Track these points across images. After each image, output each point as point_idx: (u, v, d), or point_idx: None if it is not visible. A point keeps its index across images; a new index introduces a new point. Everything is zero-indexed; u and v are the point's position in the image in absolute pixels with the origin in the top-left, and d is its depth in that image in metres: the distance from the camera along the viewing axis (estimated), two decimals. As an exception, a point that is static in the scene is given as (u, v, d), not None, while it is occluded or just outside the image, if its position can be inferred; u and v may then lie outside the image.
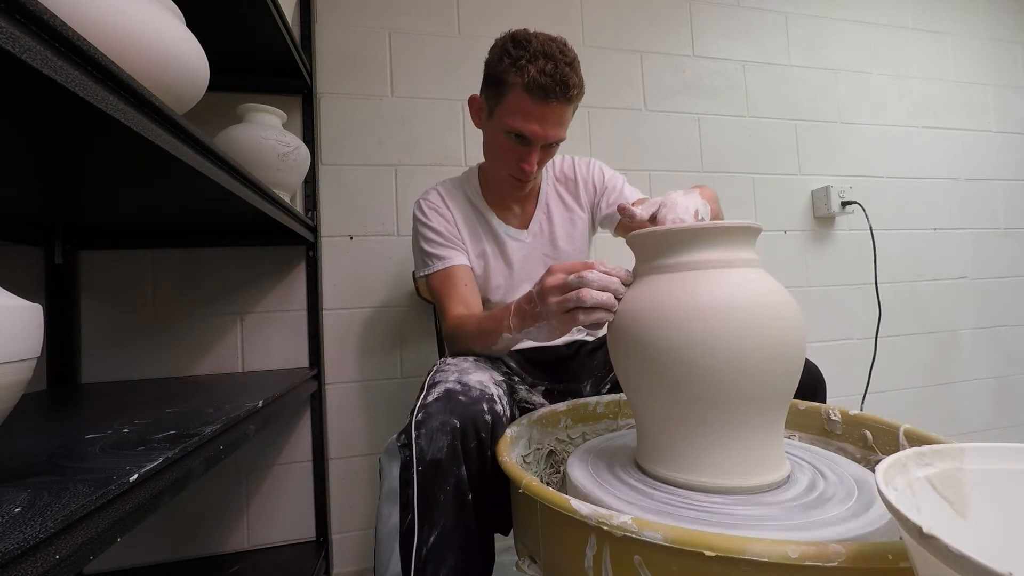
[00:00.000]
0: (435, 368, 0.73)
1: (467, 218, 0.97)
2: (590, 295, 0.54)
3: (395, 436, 0.62)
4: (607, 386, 0.87)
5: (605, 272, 0.55)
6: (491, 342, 0.74)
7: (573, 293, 0.56)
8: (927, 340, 1.70)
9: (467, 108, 0.96)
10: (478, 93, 0.91)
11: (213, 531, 1.13)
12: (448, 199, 0.97)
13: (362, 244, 1.26)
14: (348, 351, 1.25)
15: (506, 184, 0.92)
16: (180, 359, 1.14)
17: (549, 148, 0.88)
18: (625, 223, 0.79)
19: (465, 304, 0.89)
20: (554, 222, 1.00)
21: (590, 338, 1.03)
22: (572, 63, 0.80)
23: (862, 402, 1.53)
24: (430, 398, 0.62)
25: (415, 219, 0.97)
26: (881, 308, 1.56)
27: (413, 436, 0.58)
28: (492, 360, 0.80)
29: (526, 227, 0.99)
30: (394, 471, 0.59)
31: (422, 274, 0.95)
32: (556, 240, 1.00)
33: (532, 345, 0.94)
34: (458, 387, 0.63)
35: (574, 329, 0.77)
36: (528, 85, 0.78)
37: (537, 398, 0.84)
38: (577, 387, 0.90)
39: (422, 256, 0.95)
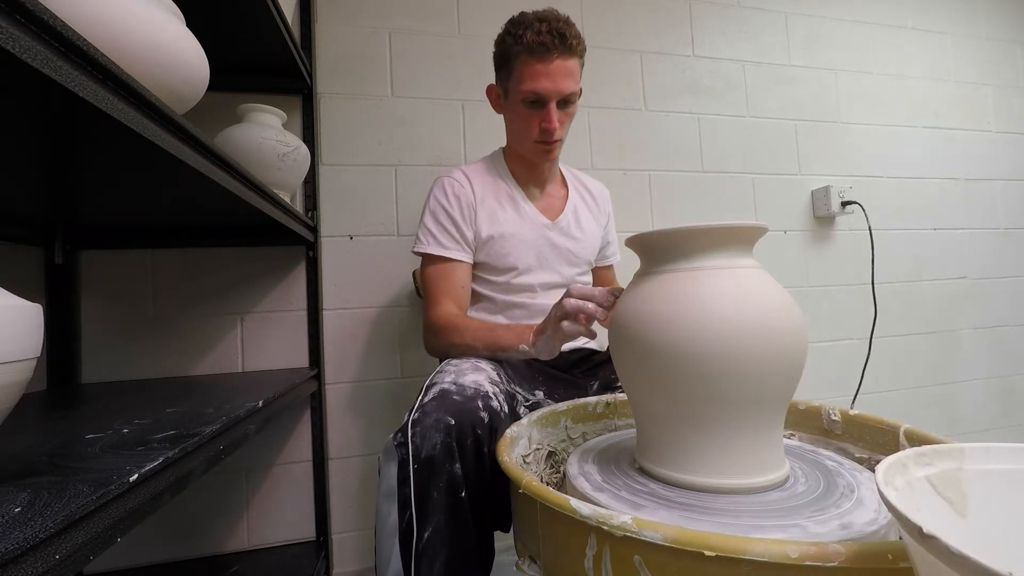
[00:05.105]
0: (434, 371, 0.75)
1: (496, 195, 0.97)
2: (569, 302, 0.65)
3: (392, 435, 0.62)
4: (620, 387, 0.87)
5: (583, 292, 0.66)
6: (502, 348, 0.79)
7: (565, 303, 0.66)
8: (927, 340, 1.70)
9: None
10: (494, 83, 0.95)
11: (213, 531, 1.13)
12: (474, 178, 0.97)
13: (362, 244, 1.26)
14: (348, 351, 1.25)
15: (534, 154, 0.93)
16: (180, 359, 1.14)
17: (567, 107, 0.90)
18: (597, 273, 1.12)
19: (458, 304, 0.91)
20: (581, 223, 1.03)
21: (600, 348, 1.01)
22: (566, 20, 0.86)
23: (852, 402, 1.52)
24: (426, 399, 0.64)
25: (432, 196, 0.96)
26: (877, 308, 1.56)
27: (409, 434, 0.60)
28: (493, 364, 0.81)
29: (554, 220, 1.00)
30: (392, 469, 0.60)
31: (422, 250, 0.93)
32: (580, 240, 1.03)
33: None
34: (453, 387, 0.65)
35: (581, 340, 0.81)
36: (529, 47, 0.84)
37: (539, 395, 0.85)
38: (584, 390, 0.90)
39: (429, 234, 0.93)
